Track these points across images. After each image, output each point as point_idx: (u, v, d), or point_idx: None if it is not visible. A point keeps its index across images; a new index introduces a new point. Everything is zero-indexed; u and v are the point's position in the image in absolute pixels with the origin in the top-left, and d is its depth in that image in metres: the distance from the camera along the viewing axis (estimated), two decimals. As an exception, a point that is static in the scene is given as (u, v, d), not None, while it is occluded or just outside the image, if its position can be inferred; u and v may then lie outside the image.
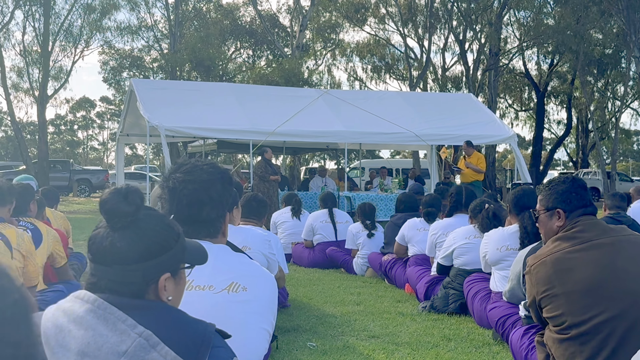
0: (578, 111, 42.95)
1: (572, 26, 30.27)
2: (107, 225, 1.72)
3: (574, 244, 3.38)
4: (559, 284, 3.31)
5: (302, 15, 32.91)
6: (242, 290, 2.37)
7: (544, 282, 3.36)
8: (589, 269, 3.29)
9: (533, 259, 3.48)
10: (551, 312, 3.35)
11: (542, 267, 3.39)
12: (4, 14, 30.65)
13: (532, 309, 3.55)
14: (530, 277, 3.47)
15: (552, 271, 3.34)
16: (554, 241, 3.47)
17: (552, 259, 3.37)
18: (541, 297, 3.39)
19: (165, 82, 23.68)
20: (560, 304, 3.30)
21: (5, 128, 66.65)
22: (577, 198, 3.54)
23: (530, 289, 3.48)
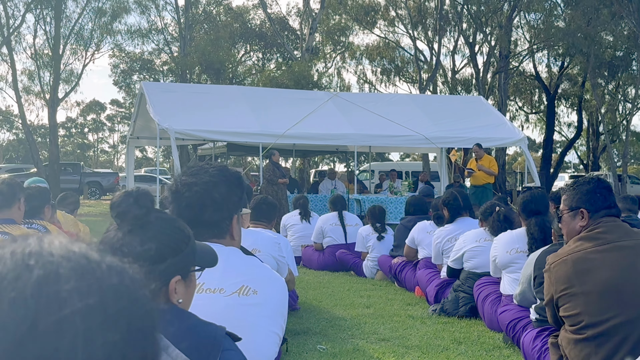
0: (589, 114, 42.76)
1: (583, 28, 30.15)
2: (117, 228, 1.72)
3: (595, 245, 3.36)
4: (578, 283, 3.30)
5: (312, 18, 32.91)
6: (253, 293, 2.37)
7: (563, 281, 3.35)
8: (609, 270, 3.27)
9: (553, 257, 3.47)
10: (568, 311, 3.34)
11: (562, 265, 3.38)
12: (15, 18, 30.82)
13: (549, 307, 3.53)
14: (549, 275, 3.45)
15: (572, 270, 3.33)
16: (576, 241, 3.45)
17: (572, 258, 3.36)
18: (559, 296, 3.38)
19: (175, 85, 23.74)
20: (578, 304, 3.29)
21: (17, 131, 66.97)
22: (602, 199, 3.51)
23: (549, 287, 3.46)
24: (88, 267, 0.73)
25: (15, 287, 0.69)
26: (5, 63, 32.45)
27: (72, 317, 0.69)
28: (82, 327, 0.69)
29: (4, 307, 0.68)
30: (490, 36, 34.34)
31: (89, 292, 0.71)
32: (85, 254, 0.75)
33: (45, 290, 0.69)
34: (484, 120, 17.27)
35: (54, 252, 0.73)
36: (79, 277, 0.72)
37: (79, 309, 0.69)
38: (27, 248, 0.73)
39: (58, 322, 0.68)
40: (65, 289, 0.70)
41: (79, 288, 0.71)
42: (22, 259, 0.72)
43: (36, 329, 0.67)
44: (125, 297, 0.74)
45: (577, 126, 42.08)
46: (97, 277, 0.73)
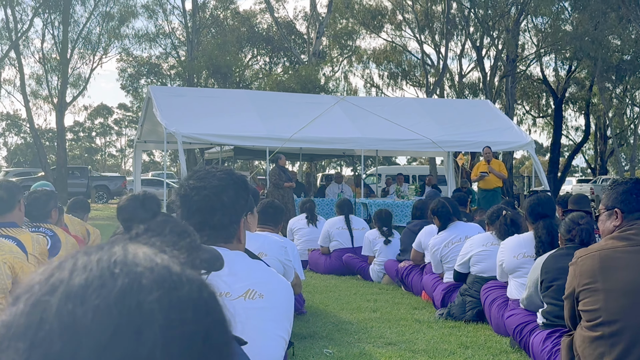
0: (596, 117, 42.67)
1: (590, 32, 30.10)
2: (124, 231, 1.72)
3: (625, 245, 3.38)
4: (602, 279, 3.32)
5: (319, 22, 32.95)
6: (259, 297, 2.37)
7: (587, 275, 3.37)
8: (634, 270, 3.29)
9: (582, 252, 3.50)
10: (588, 305, 3.36)
11: (589, 260, 3.40)
12: (24, 22, 30.95)
13: (568, 300, 3.54)
14: (574, 269, 3.47)
15: (597, 266, 3.35)
16: (607, 239, 3.48)
17: (600, 255, 3.38)
18: (581, 289, 3.39)
19: (182, 89, 23.78)
20: (599, 299, 3.31)
21: (24, 135, 67.25)
22: (637, 200, 3.52)
23: (572, 280, 3.48)
24: (170, 280, 0.74)
25: (100, 294, 0.70)
26: (13, 67, 32.69)
27: (152, 329, 0.70)
28: (161, 339, 0.70)
29: (89, 314, 0.69)
30: (497, 40, 34.31)
31: (169, 304, 0.72)
32: (167, 266, 0.76)
33: (129, 300, 0.70)
34: (491, 124, 17.24)
35: (138, 262, 0.74)
36: (161, 289, 0.72)
37: (159, 321, 0.70)
38: (113, 257, 0.74)
39: (138, 332, 0.69)
40: (148, 301, 0.71)
41: (161, 300, 0.72)
42: (107, 267, 0.73)
43: (117, 337, 0.68)
44: (204, 312, 0.75)
45: (584, 130, 41.97)
46: (178, 290, 0.74)
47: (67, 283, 0.72)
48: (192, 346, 0.73)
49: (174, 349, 0.71)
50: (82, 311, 0.69)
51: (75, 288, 0.71)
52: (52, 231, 5.19)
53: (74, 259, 0.75)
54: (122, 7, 33.09)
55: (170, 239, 1.54)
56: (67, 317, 0.69)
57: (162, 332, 0.70)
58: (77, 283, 0.72)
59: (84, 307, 0.70)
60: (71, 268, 0.74)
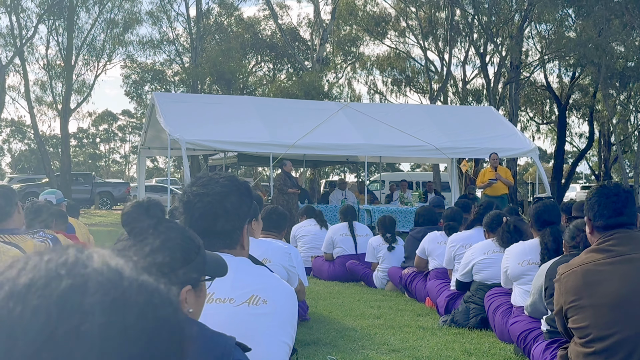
0: (600, 124, 42.60)
1: (594, 39, 30.08)
2: (128, 238, 1.72)
3: (606, 257, 3.34)
4: (587, 295, 3.28)
5: (323, 29, 33.00)
6: (263, 303, 2.37)
7: (572, 292, 3.33)
8: (618, 283, 3.25)
9: (564, 268, 3.45)
10: (577, 323, 3.32)
11: (572, 276, 3.36)
12: (28, 28, 31.03)
13: (559, 317, 3.52)
14: (559, 286, 3.43)
15: (581, 282, 3.31)
16: (587, 252, 3.43)
17: (582, 270, 3.34)
18: (568, 307, 3.36)
19: (186, 96, 23.85)
20: (587, 316, 3.27)
21: (29, 141, 67.36)
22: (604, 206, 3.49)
23: (558, 298, 3.44)
24: (118, 283, 0.73)
25: (42, 294, 0.70)
26: (17, 74, 32.76)
27: (90, 331, 0.69)
28: (99, 342, 0.69)
29: (27, 313, 0.69)
30: (501, 46, 34.29)
31: (111, 307, 0.71)
32: (119, 270, 0.75)
33: (70, 301, 0.70)
34: (494, 131, 17.24)
35: (88, 264, 0.74)
36: (105, 292, 0.72)
37: (99, 323, 0.70)
38: (62, 257, 0.74)
39: (76, 334, 0.69)
40: (89, 302, 0.70)
41: (103, 302, 0.71)
42: (55, 268, 0.73)
43: (54, 338, 0.68)
44: (150, 317, 0.74)
45: (588, 137, 41.91)
46: (124, 293, 0.73)
47: (13, 281, 0.72)
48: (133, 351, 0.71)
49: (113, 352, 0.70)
50: (21, 310, 0.69)
51: (19, 287, 0.71)
52: (52, 234, 5.21)
53: (26, 259, 0.75)
54: (127, 14, 33.17)
55: (161, 247, 1.54)
56: (6, 315, 0.69)
57: (100, 334, 0.70)
58: (22, 282, 0.72)
59: (23, 305, 0.69)
60: (21, 267, 0.74)
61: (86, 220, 21.96)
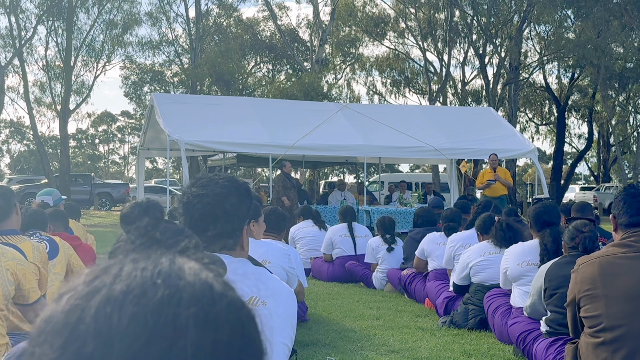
0: (599, 125, 42.64)
1: (593, 40, 30.10)
2: (127, 239, 1.72)
3: (625, 251, 3.40)
4: (602, 285, 3.34)
5: (322, 30, 33.00)
6: (262, 304, 2.36)
7: (588, 282, 3.39)
8: (634, 276, 3.30)
9: (584, 259, 3.54)
10: (589, 312, 3.37)
11: (589, 267, 3.42)
12: (27, 29, 31.03)
13: (570, 309, 3.56)
14: (575, 276, 3.50)
15: (597, 272, 3.37)
16: (609, 247, 3.52)
17: (600, 261, 3.40)
18: (582, 296, 3.41)
19: (185, 97, 23.83)
20: (599, 306, 3.32)
21: (28, 142, 67.33)
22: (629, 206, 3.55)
23: (573, 287, 3.50)
24: (209, 297, 0.74)
25: (139, 302, 0.71)
26: (17, 74, 32.76)
27: (184, 343, 0.70)
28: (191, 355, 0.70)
29: (124, 320, 0.70)
30: (500, 47, 34.32)
31: (205, 321, 0.72)
32: (210, 284, 0.76)
33: (165, 312, 0.71)
34: (494, 132, 17.24)
35: (181, 275, 0.75)
36: (199, 305, 0.73)
37: (192, 337, 0.71)
38: (158, 267, 0.75)
39: (170, 345, 0.70)
40: (184, 315, 0.71)
41: (197, 316, 0.72)
42: (151, 276, 0.74)
43: (149, 346, 0.69)
44: (239, 333, 0.75)
45: (587, 138, 41.95)
46: (215, 308, 0.74)
47: (109, 287, 0.73)
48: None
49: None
50: (118, 316, 0.70)
51: (116, 293, 0.72)
52: (48, 236, 5.21)
53: (120, 265, 0.76)
54: (126, 14, 33.16)
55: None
56: (103, 320, 0.70)
57: (193, 347, 0.71)
58: (119, 289, 0.73)
59: (121, 312, 0.71)
60: (116, 273, 0.75)
61: (85, 221, 21.95)
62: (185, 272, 0.76)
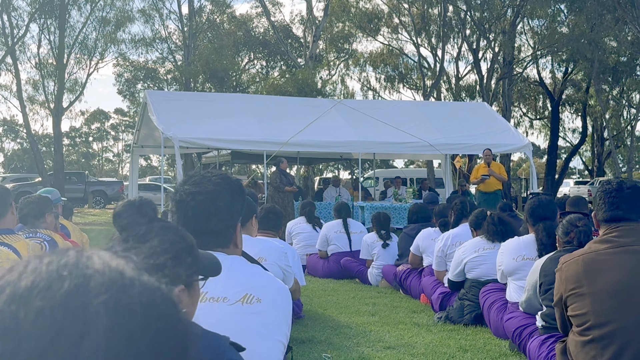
0: (593, 119, 42.70)
1: (587, 34, 30.14)
2: (120, 237, 1.71)
3: (607, 247, 3.41)
4: (587, 283, 3.34)
5: (315, 26, 32.95)
6: (257, 301, 2.36)
7: (572, 280, 3.39)
8: (618, 272, 3.30)
9: (566, 257, 3.54)
10: (576, 310, 3.37)
11: (573, 265, 3.42)
12: (20, 27, 30.90)
13: (558, 308, 3.56)
14: (560, 274, 3.50)
15: (582, 270, 3.38)
16: (591, 244, 3.52)
17: (584, 259, 3.41)
18: (568, 295, 3.41)
19: (179, 94, 23.78)
20: (586, 304, 3.32)
21: (21, 140, 67.16)
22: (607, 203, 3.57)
23: (559, 286, 3.50)
24: (120, 283, 0.73)
25: (45, 296, 0.69)
26: (9, 73, 32.59)
27: (96, 332, 0.69)
28: (104, 343, 0.69)
29: (31, 315, 0.68)
30: (493, 42, 34.33)
31: (116, 308, 0.71)
32: (120, 270, 0.74)
33: (73, 302, 0.69)
34: (488, 127, 17.24)
35: (89, 265, 0.73)
36: (109, 292, 0.71)
37: (104, 324, 0.69)
38: (64, 259, 0.74)
39: (81, 335, 0.68)
40: (93, 303, 0.70)
41: (107, 303, 0.70)
42: (56, 269, 0.72)
43: (59, 340, 0.67)
44: (154, 317, 0.73)
45: (581, 132, 42.01)
46: (127, 294, 0.72)
47: (14, 285, 0.71)
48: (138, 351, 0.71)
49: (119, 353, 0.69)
50: (24, 312, 0.68)
51: (21, 290, 0.70)
52: (50, 236, 5.18)
53: (26, 263, 0.75)
54: (119, 12, 33.02)
55: (154, 247, 1.53)
56: (9, 319, 0.68)
57: (106, 335, 0.69)
58: (24, 285, 0.71)
59: (26, 308, 0.69)
60: (21, 270, 0.73)
61: (80, 219, 21.91)
62: (93, 261, 0.74)
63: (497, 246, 5.99)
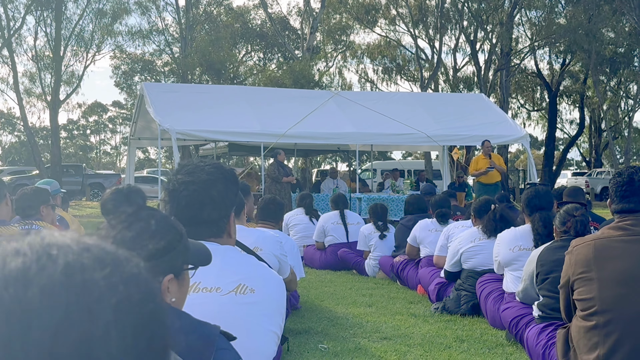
0: (591, 110, 42.70)
1: (584, 25, 30.10)
2: (109, 226, 1.69)
3: (621, 234, 3.40)
4: (596, 268, 3.33)
5: (313, 18, 32.88)
6: (250, 292, 2.34)
7: (582, 264, 3.38)
8: (628, 260, 3.29)
9: (578, 241, 3.53)
10: (582, 294, 3.36)
11: (584, 249, 3.41)
12: (16, 19, 30.82)
13: (563, 290, 3.55)
14: (570, 257, 3.49)
15: (592, 255, 3.37)
16: (605, 229, 3.52)
17: (595, 244, 3.40)
18: (576, 278, 3.40)
19: (175, 86, 23.71)
20: (593, 288, 3.31)
21: (19, 133, 67.02)
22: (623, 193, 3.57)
23: (567, 269, 3.49)
24: (108, 258, 0.74)
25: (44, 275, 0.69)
26: (6, 65, 32.52)
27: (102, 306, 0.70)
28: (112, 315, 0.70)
29: (36, 295, 0.68)
30: (491, 34, 34.28)
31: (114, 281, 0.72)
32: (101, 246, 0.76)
33: (73, 280, 0.70)
34: (485, 118, 17.22)
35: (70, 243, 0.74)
36: (103, 267, 0.73)
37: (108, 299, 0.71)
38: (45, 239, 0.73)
39: (89, 311, 0.69)
40: (93, 279, 0.71)
41: (106, 277, 0.72)
42: (43, 249, 0.72)
43: (70, 316, 0.68)
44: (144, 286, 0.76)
45: (579, 123, 42.02)
46: (118, 267, 0.74)
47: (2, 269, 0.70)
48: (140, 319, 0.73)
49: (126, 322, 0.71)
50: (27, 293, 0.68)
51: (14, 272, 0.69)
52: (45, 228, 5.15)
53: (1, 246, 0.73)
54: (115, 3, 32.96)
55: (141, 234, 1.51)
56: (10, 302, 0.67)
57: (112, 309, 0.70)
58: (15, 267, 0.70)
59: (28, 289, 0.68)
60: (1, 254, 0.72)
61: (77, 212, 21.88)
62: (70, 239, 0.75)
63: (493, 237, 5.99)
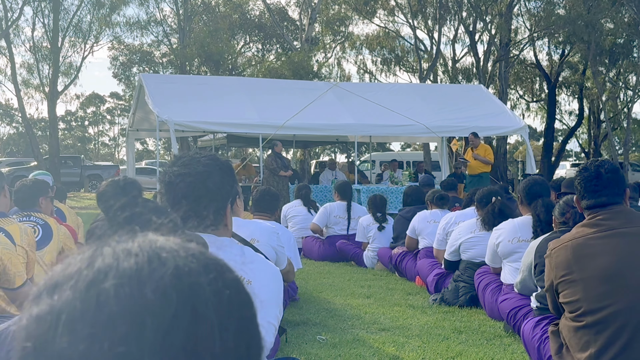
0: (590, 101, 42.64)
1: (583, 16, 30.02)
2: (104, 218, 1.68)
3: (595, 231, 3.35)
4: (577, 269, 3.29)
5: (311, 8, 32.80)
6: (247, 283, 2.33)
7: (563, 267, 3.34)
8: (608, 256, 3.26)
9: (555, 243, 3.47)
10: (567, 297, 3.33)
11: (562, 251, 3.37)
12: (13, 10, 30.72)
13: (549, 293, 3.52)
14: (550, 261, 3.45)
15: (571, 256, 3.32)
16: (578, 228, 3.45)
17: (573, 244, 3.35)
18: (559, 282, 3.37)
19: (174, 77, 23.67)
20: (578, 290, 3.28)
21: (17, 124, 66.95)
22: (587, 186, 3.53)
23: (549, 273, 3.46)
24: (212, 264, 0.78)
25: (155, 276, 0.73)
26: (4, 56, 32.45)
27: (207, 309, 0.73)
28: (216, 318, 0.74)
29: (149, 295, 0.71)
30: (490, 25, 34.20)
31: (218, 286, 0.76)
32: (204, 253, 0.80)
33: (182, 282, 0.73)
34: (484, 109, 17.21)
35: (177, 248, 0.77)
36: (208, 272, 0.76)
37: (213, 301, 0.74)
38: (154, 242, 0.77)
39: (195, 313, 0.72)
40: (199, 282, 0.74)
41: (211, 282, 0.75)
42: (154, 251, 0.75)
43: (178, 317, 0.71)
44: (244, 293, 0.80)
45: (578, 114, 41.98)
46: (221, 273, 0.78)
47: (116, 268, 0.73)
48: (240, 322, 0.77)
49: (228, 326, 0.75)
50: (141, 293, 0.71)
51: (128, 272, 0.73)
52: (43, 220, 5.14)
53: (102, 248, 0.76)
54: (113, -6, 32.86)
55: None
56: (126, 300, 0.71)
57: (216, 312, 0.74)
58: (128, 267, 0.73)
59: (142, 289, 0.71)
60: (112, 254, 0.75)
61: (76, 203, 21.87)
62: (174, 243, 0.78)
63: (491, 230, 5.98)
